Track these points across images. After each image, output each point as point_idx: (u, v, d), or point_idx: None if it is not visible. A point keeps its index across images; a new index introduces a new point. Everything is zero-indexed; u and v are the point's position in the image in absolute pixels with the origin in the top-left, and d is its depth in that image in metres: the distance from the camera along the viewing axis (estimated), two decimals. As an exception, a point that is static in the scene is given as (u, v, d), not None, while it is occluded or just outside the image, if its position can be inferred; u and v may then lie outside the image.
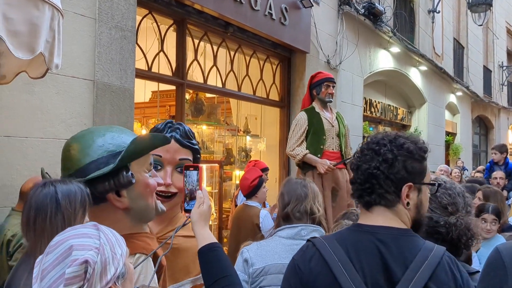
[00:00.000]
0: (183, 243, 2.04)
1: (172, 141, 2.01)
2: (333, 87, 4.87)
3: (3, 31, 2.18)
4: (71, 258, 1.13)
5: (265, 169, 5.28)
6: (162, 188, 1.99)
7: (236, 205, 5.71)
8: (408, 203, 1.55)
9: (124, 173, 1.61)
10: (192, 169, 1.70)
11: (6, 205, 3.31)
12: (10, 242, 2.96)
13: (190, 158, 2.08)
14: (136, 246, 1.62)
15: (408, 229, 1.56)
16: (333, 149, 4.76)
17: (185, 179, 1.71)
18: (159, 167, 2.03)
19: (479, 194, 4.50)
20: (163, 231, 2.06)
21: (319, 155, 4.65)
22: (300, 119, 4.79)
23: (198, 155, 2.13)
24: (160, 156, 2.01)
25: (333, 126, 4.79)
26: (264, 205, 5.11)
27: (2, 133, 3.35)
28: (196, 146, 2.12)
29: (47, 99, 3.65)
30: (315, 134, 4.73)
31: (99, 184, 1.58)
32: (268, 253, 2.27)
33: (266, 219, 4.64)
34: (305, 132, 4.74)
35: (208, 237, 1.61)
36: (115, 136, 1.66)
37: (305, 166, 4.70)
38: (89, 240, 1.18)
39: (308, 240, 1.60)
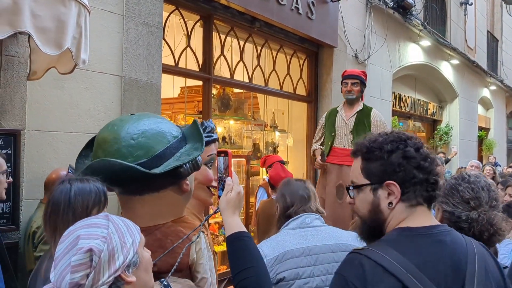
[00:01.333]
0: None
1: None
2: (355, 83, 4.83)
3: (31, 28, 2.25)
4: (77, 247, 1.18)
5: (282, 162, 5.39)
6: (215, 184, 2.04)
7: (256, 201, 5.76)
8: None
9: (198, 158, 1.68)
10: (223, 155, 1.68)
11: (37, 197, 3.42)
12: (35, 234, 3.06)
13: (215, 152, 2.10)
14: (192, 226, 1.71)
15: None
16: (344, 146, 4.80)
17: (217, 166, 1.71)
18: (211, 165, 2.09)
19: (509, 190, 4.40)
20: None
21: (326, 151, 4.91)
22: (321, 118, 5.19)
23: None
24: (215, 154, 2.07)
25: (346, 123, 4.80)
26: None
27: (33, 127, 3.45)
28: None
29: (77, 94, 3.74)
30: (326, 132, 4.98)
31: (181, 168, 1.61)
32: (278, 243, 2.34)
33: None
34: (322, 129, 5.05)
35: (236, 225, 1.56)
36: (167, 122, 1.72)
37: None
38: (97, 230, 1.22)
39: (354, 252, 1.45)
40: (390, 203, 1.46)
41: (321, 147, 4.96)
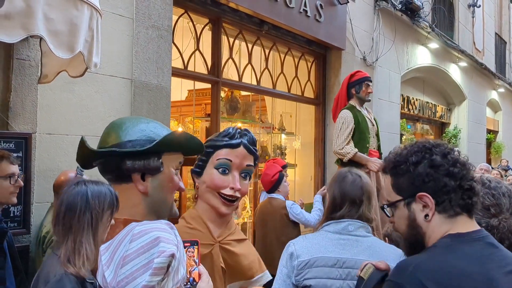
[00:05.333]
0: (237, 247, 2.11)
1: (241, 147, 2.06)
2: (371, 87, 4.90)
3: (44, 31, 2.25)
4: (159, 249, 1.12)
5: (284, 166, 5.35)
6: (230, 193, 2.03)
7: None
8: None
9: (156, 158, 1.67)
10: (188, 244, 1.51)
11: (48, 200, 3.42)
12: (44, 239, 3.04)
13: (253, 164, 2.13)
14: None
15: None
16: (374, 148, 4.77)
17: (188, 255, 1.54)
18: (227, 171, 2.04)
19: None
20: (223, 235, 2.10)
21: (365, 154, 4.64)
22: (347, 117, 4.74)
23: (257, 161, 2.17)
24: (230, 161, 2.04)
25: (373, 125, 4.80)
26: (287, 198, 5.13)
27: (44, 131, 3.46)
28: (257, 153, 2.16)
29: (87, 98, 3.74)
30: (361, 133, 4.73)
31: (129, 161, 1.66)
32: (314, 245, 2.21)
33: (294, 206, 4.69)
34: (352, 130, 4.71)
35: None
36: (157, 127, 1.75)
37: (350, 165, 4.62)
38: (171, 236, 1.18)
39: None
40: (426, 215, 1.45)
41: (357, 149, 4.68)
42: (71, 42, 2.43)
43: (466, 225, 1.46)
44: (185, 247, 1.45)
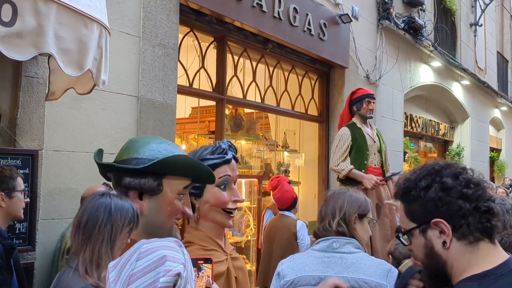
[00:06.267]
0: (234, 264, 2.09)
1: (233, 159, 2.07)
2: (373, 103, 4.90)
3: (54, 49, 2.28)
4: (165, 268, 1.12)
5: (289, 183, 5.39)
6: (234, 206, 2.04)
7: (263, 223, 5.74)
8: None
9: (151, 179, 1.66)
10: (202, 262, 1.52)
11: (53, 217, 3.42)
12: (69, 250, 3.03)
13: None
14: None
15: None
16: (375, 165, 4.77)
17: (199, 274, 1.53)
18: (226, 186, 2.03)
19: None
20: (227, 246, 2.10)
21: (363, 171, 4.64)
22: (344, 134, 4.79)
23: None
24: (229, 176, 2.04)
25: (374, 142, 4.82)
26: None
27: (50, 147, 3.47)
28: None
29: (94, 115, 3.76)
30: (358, 150, 4.73)
31: (127, 177, 1.67)
32: (299, 265, 2.26)
33: (303, 228, 4.72)
34: (349, 147, 4.73)
35: None
36: (167, 148, 1.73)
37: (348, 181, 4.66)
38: (178, 255, 1.18)
39: None
40: (444, 242, 1.35)
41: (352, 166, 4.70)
42: (80, 60, 2.46)
43: (490, 255, 1.35)
44: (198, 265, 1.45)
